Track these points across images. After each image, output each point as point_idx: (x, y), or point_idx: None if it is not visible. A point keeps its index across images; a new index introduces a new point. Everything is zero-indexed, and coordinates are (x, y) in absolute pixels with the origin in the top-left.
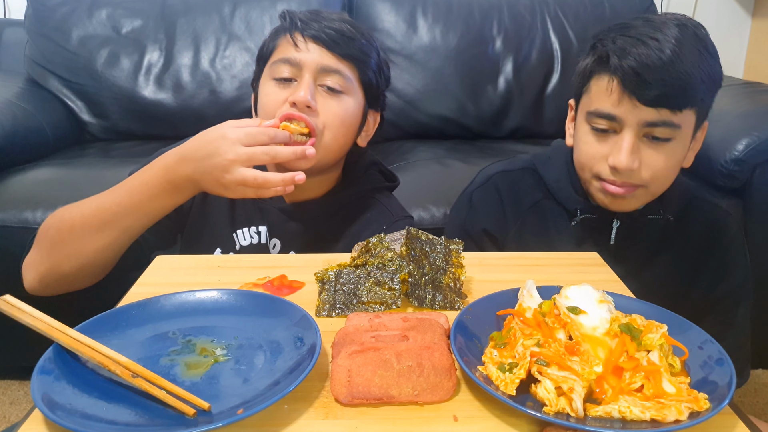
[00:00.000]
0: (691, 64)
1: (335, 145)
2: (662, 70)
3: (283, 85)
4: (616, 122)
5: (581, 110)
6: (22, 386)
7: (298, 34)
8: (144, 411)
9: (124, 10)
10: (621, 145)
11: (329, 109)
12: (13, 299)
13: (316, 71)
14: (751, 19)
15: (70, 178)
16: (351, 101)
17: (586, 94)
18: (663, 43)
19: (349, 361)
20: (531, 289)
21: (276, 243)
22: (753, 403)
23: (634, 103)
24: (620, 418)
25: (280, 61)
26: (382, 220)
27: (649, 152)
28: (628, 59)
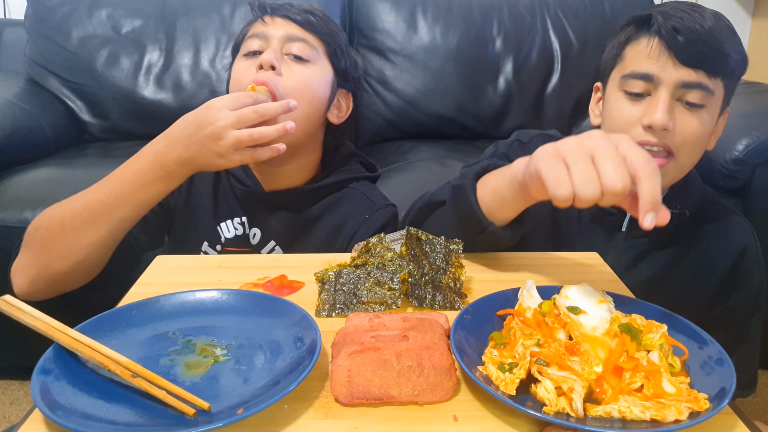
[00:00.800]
0: (727, 36)
1: (302, 114)
2: (702, 33)
3: (252, 59)
4: (651, 83)
5: (612, 80)
6: (22, 386)
7: (265, 13)
8: (144, 411)
9: (124, 10)
10: (656, 103)
11: (294, 73)
12: (13, 299)
13: (282, 40)
14: (751, 19)
15: (70, 178)
16: (317, 69)
17: (620, 63)
18: (703, 16)
19: (349, 361)
20: (531, 289)
21: (256, 232)
22: (753, 403)
23: (673, 61)
24: (620, 418)
25: (249, 37)
26: (364, 209)
27: (683, 116)
28: (670, 20)
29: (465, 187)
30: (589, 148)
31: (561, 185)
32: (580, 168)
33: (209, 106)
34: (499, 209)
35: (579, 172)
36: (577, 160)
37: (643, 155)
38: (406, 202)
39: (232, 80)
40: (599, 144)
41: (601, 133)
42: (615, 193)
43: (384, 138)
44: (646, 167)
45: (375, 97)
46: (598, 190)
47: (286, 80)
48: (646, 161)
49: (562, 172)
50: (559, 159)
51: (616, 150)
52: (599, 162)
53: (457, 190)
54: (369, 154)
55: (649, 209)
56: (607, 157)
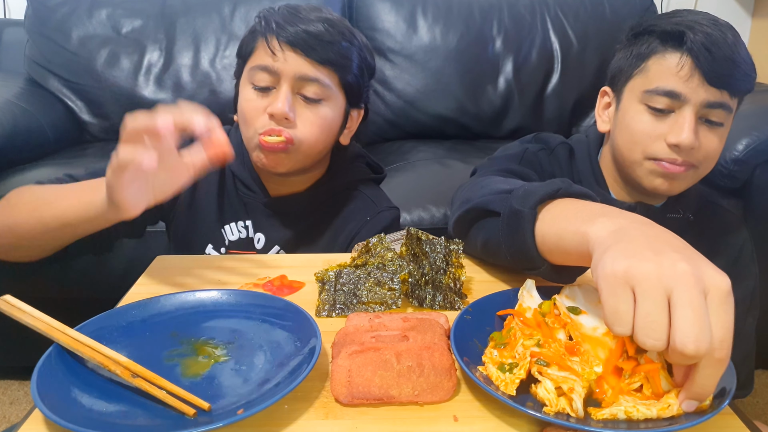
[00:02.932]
0: (746, 54)
1: (314, 150)
2: (729, 51)
3: (261, 94)
4: (677, 101)
5: (632, 92)
6: (22, 386)
7: (273, 39)
8: (144, 411)
9: (124, 10)
10: (683, 123)
11: (307, 118)
12: (13, 299)
13: (294, 80)
14: (751, 19)
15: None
16: (329, 109)
17: (642, 75)
18: (724, 31)
19: (349, 361)
20: (531, 289)
21: (260, 237)
22: (753, 403)
23: (701, 82)
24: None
25: (258, 68)
26: (366, 211)
27: (705, 134)
28: (699, 36)
29: (524, 216)
30: (669, 286)
31: (620, 322)
32: (648, 309)
33: None
34: (558, 257)
35: (646, 315)
36: (648, 298)
37: (727, 332)
38: (406, 202)
39: (240, 107)
40: (684, 283)
41: (690, 267)
42: (685, 354)
43: (384, 138)
44: (719, 353)
45: (375, 97)
46: (662, 342)
47: (299, 125)
48: (722, 345)
49: (626, 305)
50: (627, 287)
51: (702, 300)
52: (675, 308)
53: (514, 217)
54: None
55: (694, 398)
56: (687, 304)
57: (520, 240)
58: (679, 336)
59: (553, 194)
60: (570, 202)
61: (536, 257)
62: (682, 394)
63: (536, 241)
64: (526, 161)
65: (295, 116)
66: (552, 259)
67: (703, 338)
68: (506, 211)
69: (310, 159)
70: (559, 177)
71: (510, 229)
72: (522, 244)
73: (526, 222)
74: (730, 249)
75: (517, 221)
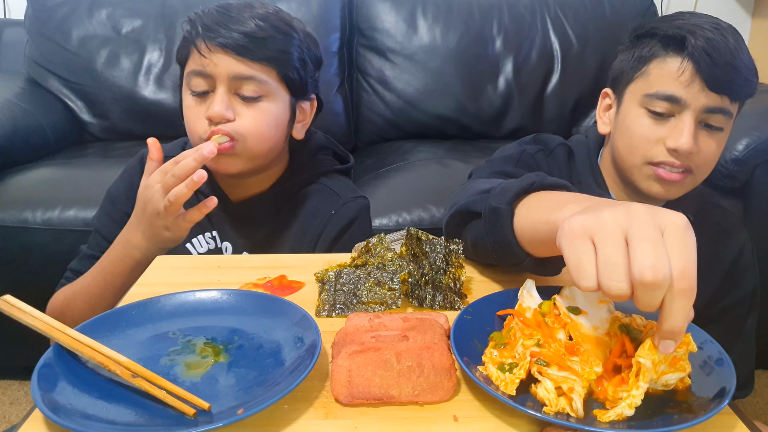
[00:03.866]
0: (748, 58)
1: (261, 148)
2: (730, 56)
3: (200, 99)
4: (677, 105)
5: (632, 95)
6: (22, 386)
7: (202, 43)
8: (144, 411)
9: (124, 10)
10: (682, 127)
11: (246, 117)
12: (13, 299)
13: (229, 81)
14: (751, 19)
15: (70, 178)
16: (270, 105)
17: (643, 79)
18: (725, 35)
19: (349, 361)
20: (531, 289)
21: (227, 246)
22: (753, 403)
23: (702, 87)
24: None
25: (193, 74)
26: (330, 204)
27: (704, 139)
28: (699, 41)
29: (501, 213)
30: (625, 227)
31: (584, 275)
32: (607, 252)
33: (147, 186)
34: (538, 247)
35: (606, 259)
36: (606, 241)
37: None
38: (406, 202)
39: (185, 117)
40: (638, 221)
41: (644, 208)
42: (644, 283)
43: (384, 138)
44: (681, 284)
45: (375, 97)
46: (624, 284)
47: (241, 122)
48: (684, 274)
49: (587, 256)
50: (586, 239)
51: (657, 233)
52: (631, 244)
53: (493, 214)
54: (369, 154)
55: (668, 337)
56: (642, 238)
57: (501, 236)
58: (637, 267)
59: (528, 188)
60: (544, 194)
61: (518, 251)
62: (657, 336)
63: (516, 236)
64: (522, 163)
65: (234, 116)
66: (533, 252)
67: (660, 265)
68: (486, 210)
69: (261, 158)
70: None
71: (491, 227)
72: (503, 240)
73: (504, 218)
74: (730, 250)
75: (496, 218)
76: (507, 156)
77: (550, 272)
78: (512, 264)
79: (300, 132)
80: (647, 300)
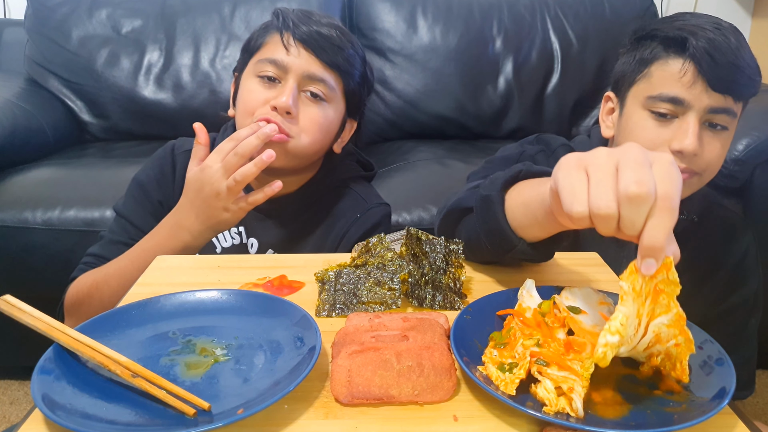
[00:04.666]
0: (750, 57)
1: (310, 150)
2: (732, 56)
3: (266, 85)
4: (680, 107)
5: (635, 97)
6: (22, 386)
7: (288, 35)
8: (144, 411)
9: (124, 10)
10: (686, 129)
11: (309, 114)
12: (13, 299)
13: (301, 77)
14: (751, 19)
15: (70, 178)
16: (331, 110)
17: (645, 80)
18: (726, 35)
19: (349, 361)
20: (531, 289)
21: (253, 242)
22: (753, 403)
23: (705, 88)
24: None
25: (267, 61)
26: (356, 208)
27: (708, 139)
28: (702, 42)
29: (492, 200)
30: (616, 158)
31: (576, 199)
32: (598, 177)
33: (203, 167)
34: (530, 227)
35: (597, 183)
36: (598, 169)
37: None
38: (406, 202)
39: (240, 98)
40: (629, 152)
41: (638, 145)
42: (629, 196)
43: (384, 138)
44: (664, 203)
45: (375, 97)
46: (613, 202)
47: (300, 121)
48: (666, 196)
49: (580, 184)
50: (581, 169)
51: (646, 161)
52: (620, 169)
53: (484, 202)
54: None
55: (649, 254)
56: (631, 161)
57: (493, 223)
58: (623, 183)
59: (516, 176)
60: (532, 180)
61: (511, 235)
62: (639, 255)
63: (508, 220)
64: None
65: (297, 112)
66: (525, 234)
67: (646, 180)
68: (477, 201)
69: (305, 160)
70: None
71: (483, 215)
72: (496, 226)
73: (495, 204)
74: (734, 251)
75: (488, 206)
76: (507, 156)
77: (543, 256)
78: (506, 251)
79: (338, 147)
80: (631, 217)
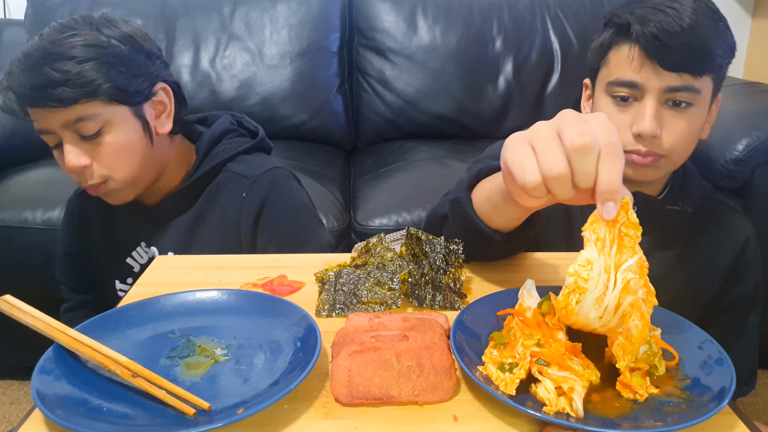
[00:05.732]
0: (709, 30)
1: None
2: (683, 35)
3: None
4: (637, 90)
5: (599, 83)
6: (22, 386)
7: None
8: (144, 411)
9: (124, 10)
10: (644, 111)
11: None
12: (13, 299)
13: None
14: (751, 19)
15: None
16: (117, 134)
17: (605, 67)
18: (681, 12)
19: (349, 361)
20: (531, 289)
21: (154, 251)
22: (753, 403)
23: (656, 69)
24: None
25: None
26: (239, 189)
27: (671, 119)
28: (648, 26)
29: (461, 200)
30: (555, 125)
31: (527, 170)
32: (544, 145)
33: None
34: (498, 218)
35: (543, 150)
36: (542, 140)
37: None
38: (406, 202)
39: None
40: (565, 117)
41: (572, 111)
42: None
43: (384, 138)
44: (609, 149)
45: (375, 97)
46: (562, 161)
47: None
48: (609, 143)
49: (528, 156)
50: (525, 143)
51: (582, 118)
52: (561, 130)
53: (454, 205)
54: (369, 154)
55: (607, 197)
56: (569, 122)
57: (466, 220)
58: (567, 139)
59: (478, 175)
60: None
61: (486, 229)
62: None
63: (479, 215)
64: None
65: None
66: (497, 226)
67: (587, 131)
68: (449, 206)
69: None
70: None
71: (456, 217)
72: (470, 223)
73: (464, 204)
74: (732, 245)
75: (458, 207)
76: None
77: (520, 245)
78: (485, 246)
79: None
80: (583, 168)
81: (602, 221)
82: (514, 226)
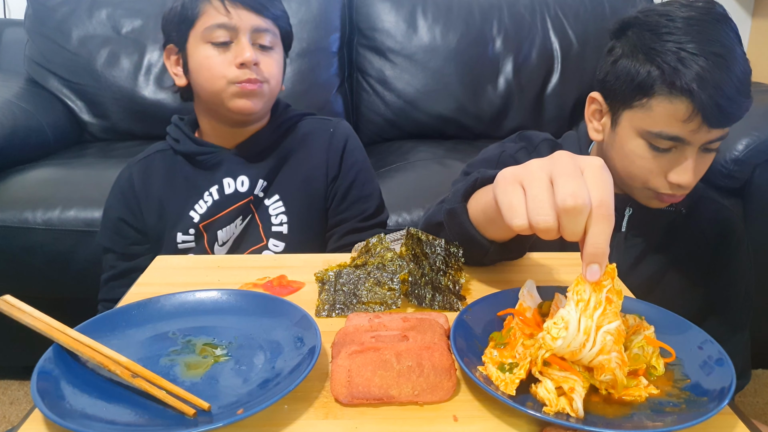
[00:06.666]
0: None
1: (276, 91)
2: (736, 96)
3: (222, 49)
4: (680, 143)
5: (632, 121)
6: (22, 386)
7: (226, 1)
8: (144, 411)
9: (124, 10)
10: (687, 165)
11: (267, 64)
12: (13, 299)
13: (251, 32)
14: (751, 19)
15: (70, 178)
16: (278, 55)
17: (643, 111)
18: (728, 60)
19: (349, 361)
20: (531, 289)
21: (243, 180)
22: (753, 403)
23: (706, 127)
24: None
25: (215, 27)
26: (324, 126)
27: (701, 161)
28: (707, 89)
29: (456, 211)
30: (549, 170)
31: (515, 213)
32: (534, 192)
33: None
34: (494, 230)
35: (533, 198)
36: (533, 183)
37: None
38: (406, 202)
39: (200, 65)
40: (560, 163)
41: (566, 154)
42: (566, 209)
43: (384, 138)
44: (600, 210)
45: (375, 97)
46: (551, 218)
47: (264, 67)
48: (601, 203)
49: (517, 198)
50: (516, 183)
51: (577, 171)
52: (555, 181)
53: (450, 215)
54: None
55: (593, 260)
56: (563, 174)
57: (463, 232)
58: (560, 197)
59: (474, 184)
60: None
61: (482, 240)
62: (583, 263)
63: (475, 226)
64: (502, 164)
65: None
66: (493, 236)
67: (580, 193)
68: (444, 216)
69: (272, 100)
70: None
71: (453, 227)
72: (466, 234)
73: (460, 215)
74: (724, 243)
75: (454, 218)
76: (487, 158)
77: (515, 255)
78: (482, 256)
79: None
80: (571, 227)
81: (587, 283)
82: (509, 237)
